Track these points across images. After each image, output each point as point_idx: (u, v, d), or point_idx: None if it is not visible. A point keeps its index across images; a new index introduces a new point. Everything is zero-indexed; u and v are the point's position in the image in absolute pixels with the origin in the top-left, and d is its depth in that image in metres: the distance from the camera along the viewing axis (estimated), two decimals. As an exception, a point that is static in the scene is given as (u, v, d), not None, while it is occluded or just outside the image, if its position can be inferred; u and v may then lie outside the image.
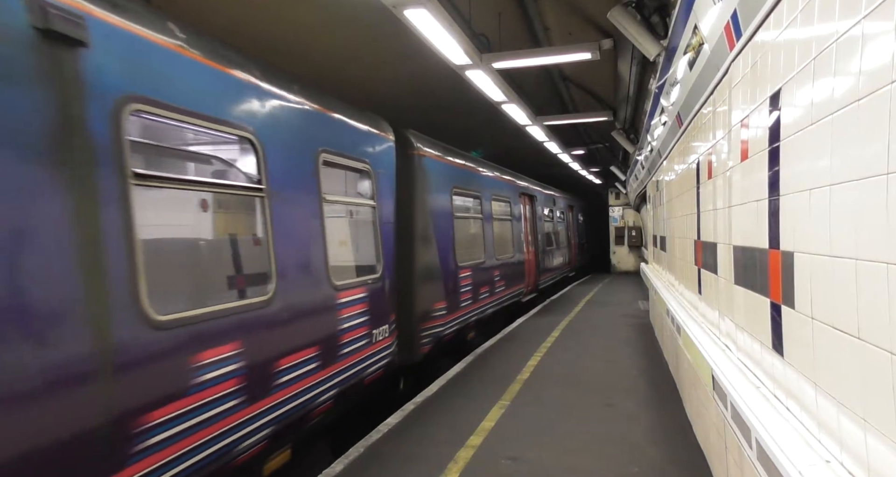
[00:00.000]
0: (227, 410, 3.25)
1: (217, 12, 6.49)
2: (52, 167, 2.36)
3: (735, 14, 2.66)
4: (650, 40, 5.43)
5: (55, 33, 2.35)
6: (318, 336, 4.29)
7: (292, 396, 3.88)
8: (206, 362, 3.11)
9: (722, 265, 3.53)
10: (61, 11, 2.39)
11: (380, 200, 5.56)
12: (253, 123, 3.65)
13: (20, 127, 2.24)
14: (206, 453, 3.09)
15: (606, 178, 23.43)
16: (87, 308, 2.46)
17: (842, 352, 1.70)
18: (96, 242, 2.52)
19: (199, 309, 3.13)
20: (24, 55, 2.27)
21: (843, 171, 1.65)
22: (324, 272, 4.42)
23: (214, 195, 3.80)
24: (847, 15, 1.60)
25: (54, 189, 2.37)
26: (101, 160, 2.57)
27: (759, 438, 2.19)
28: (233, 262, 3.99)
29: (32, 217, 2.28)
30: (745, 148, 2.79)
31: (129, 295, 2.65)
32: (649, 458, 4.26)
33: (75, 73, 2.47)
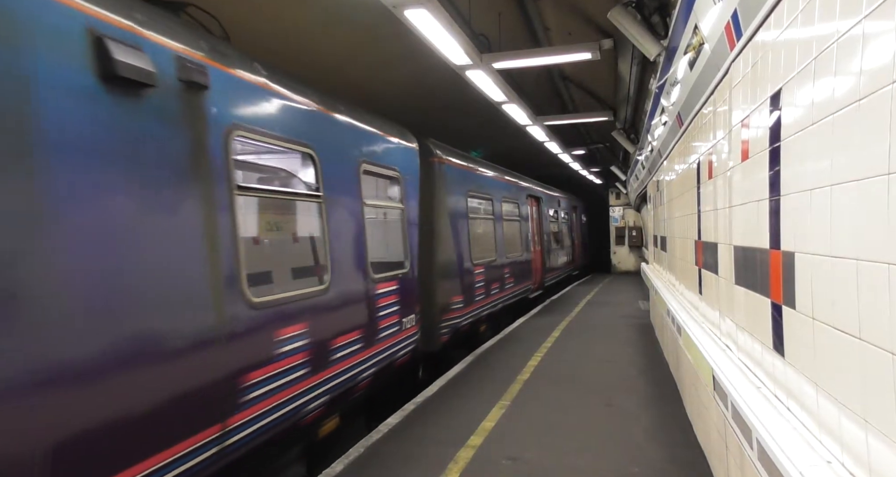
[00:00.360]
0: (298, 377, 3.97)
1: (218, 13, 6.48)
2: (190, 182, 3.09)
3: (735, 14, 2.66)
4: (650, 40, 5.42)
5: (197, 84, 3.14)
6: (361, 321, 5.01)
7: (343, 370, 4.60)
8: (284, 337, 3.83)
9: (722, 265, 3.53)
10: (194, 65, 3.14)
11: (407, 203, 6.27)
12: (312, 140, 4.34)
13: (174, 152, 2.99)
14: (286, 410, 3.81)
15: (607, 179, 23.43)
16: (212, 290, 3.20)
17: (843, 352, 1.69)
18: (216, 240, 3.26)
19: (280, 294, 3.86)
20: (173, 100, 3.00)
21: (844, 171, 1.65)
22: (365, 266, 5.13)
23: (287, 201, 4.54)
24: (848, 15, 1.60)
25: (193, 199, 3.10)
26: (217, 176, 3.30)
27: (760, 438, 2.19)
28: (300, 256, 4.69)
29: (180, 221, 3.02)
30: (745, 148, 2.79)
31: (236, 281, 3.39)
32: (650, 458, 4.26)
33: (202, 109, 3.22)
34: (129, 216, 2.76)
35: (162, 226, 2.93)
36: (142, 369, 2.74)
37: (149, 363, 2.79)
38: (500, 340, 9.18)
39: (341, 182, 4.82)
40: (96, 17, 2.61)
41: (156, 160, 2.89)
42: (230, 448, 3.30)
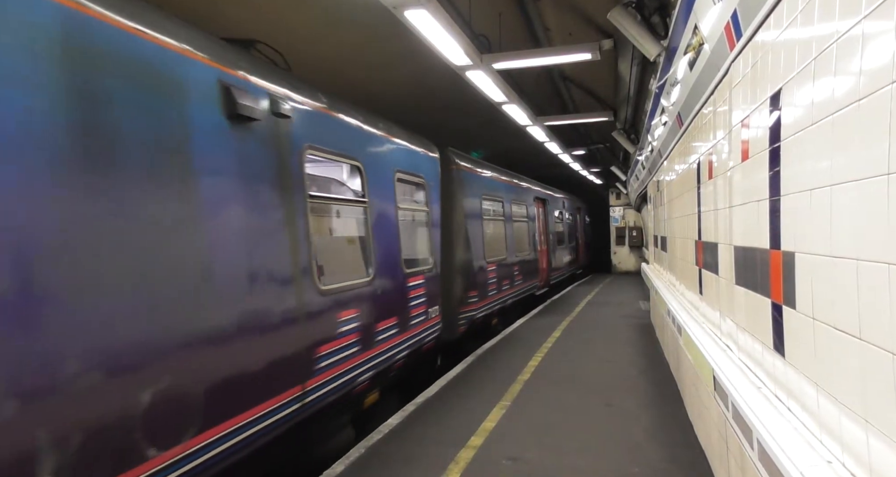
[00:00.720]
0: (352, 353, 4.77)
1: (218, 13, 6.49)
2: (280, 192, 3.90)
3: (735, 14, 2.66)
4: (650, 40, 5.42)
5: (281, 114, 3.94)
6: (397, 309, 5.80)
7: (383, 351, 5.40)
8: (342, 320, 4.66)
9: (723, 265, 3.53)
10: (281, 100, 3.98)
11: (431, 206, 7.11)
12: (359, 154, 5.17)
13: (269, 168, 3.79)
14: (343, 380, 4.60)
15: (607, 179, 23.42)
16: (294, 278, 4.00)
17: (843, 352, 1.69)
18: (296, 238, 4.07)
19: (338, 284, 4.64)
20: (268, 129, 3.82)
21: (844, 171, 1.65)
22: (399, 261, 5.94)
23: (341, 206, 5.19)
24: (847, 15, 1.60)
25: (282, 205, 3.93)
26: (296, 186, 4.09)
27: (760, 438, 2.19)
28: (351, 252, 5.34)
29: (275, 222, 3.84)
30: (745, 148, 2.79)
31: (310, 272, 4.19)
32: (650, 458, 4.26)
33: (286, 134, 4.02)
34: (245, 218, 3.54)
35: (265, 226, 3.75)
36: (256, 337, 3.58)
37: (259, 333, 3.61)
38: (501, 340, 9.18)
39: (381, 189, 5.65)
40: (223, 71, 3.42)
41: (258, 175, 3.70)
42: (307, 405, 4.11)
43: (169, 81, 3.04)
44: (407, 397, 6.24)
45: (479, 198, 9.43)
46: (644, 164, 10.24)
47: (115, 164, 2.69)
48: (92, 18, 2.65)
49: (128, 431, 2.66)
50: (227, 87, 3.41)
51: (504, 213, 11.06)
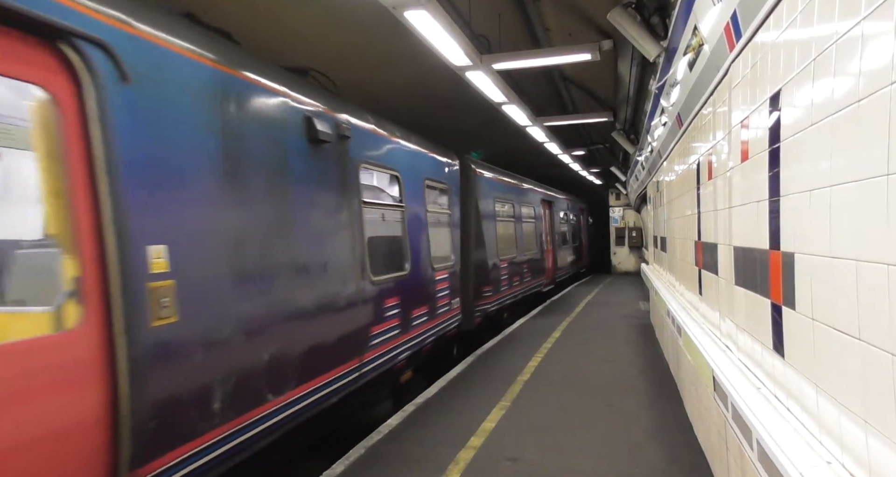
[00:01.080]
0: (394, 334, 5.64)
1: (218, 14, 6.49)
2: (343, 199, 4.79)
3: (735, 15, 2.67)
4: (650, 41, 5.43)
5: (334, 137, 4.60)
6: (427, 299, 6.68)
7: (416, 335, 6.26)
8: (388, 305, 5.51)
9: (722, 266, 3.53)
10: (344, 124, 4.81)
11: (452, 209, 8.03)
12: (397, 165, 6.05)
13: (336, 180, 4.67)
14: (388, 357, 5.46)
15: (607, 179, 23.41)
16: (354, 269, 4.86)
17: (842, 353, 1.70)
18: (355, 236, 4.93)
19: (384, 276, 5.49)
20: (335, 148, 4.66)
21: (844, 172, 1.65)
22: (428, 257, 6.81)
23: (384, 210, 5.90)
24: (847, 16, 1.60)
25: (345, 210, 4.79)
26: (354, 194, 4.98)
27: (760, 438, 2.19)
28: (392, 249, 6.07)
29: (340, 223, 4.70)
30: (745, 149, 2.79)
31: (364, 265, 5.05)
32: (650, 458, 4.26)
33: (346, 152, 4.89)
34: (321, 218, 4.44)
35: (335, 225, 4.65)
36: (333, 314, 4.51)
37: (334, 312, 4.52)
38: (501, 340, 9.18)
39: (414, 195, 6.55)
40: (307, 106, 4.33)
41: (329, 185, 4.59)
42: (363, 375, 4.92)
43: (276, 118, 3.98)
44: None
45: (493, 200, 10.23)
46: (644, 165, 10.24)
47: (247, 179, 3.60)
48: (236, 78, 3.59)
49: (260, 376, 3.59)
50: (309, 118, 4.32)
51: (514, 214, 11.87)
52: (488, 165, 10.53)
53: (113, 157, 2.62)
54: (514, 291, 11.27)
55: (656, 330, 9.05)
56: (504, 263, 10.60)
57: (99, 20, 2.64)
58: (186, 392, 3.00)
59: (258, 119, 3.77)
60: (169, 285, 2.90)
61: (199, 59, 3.26)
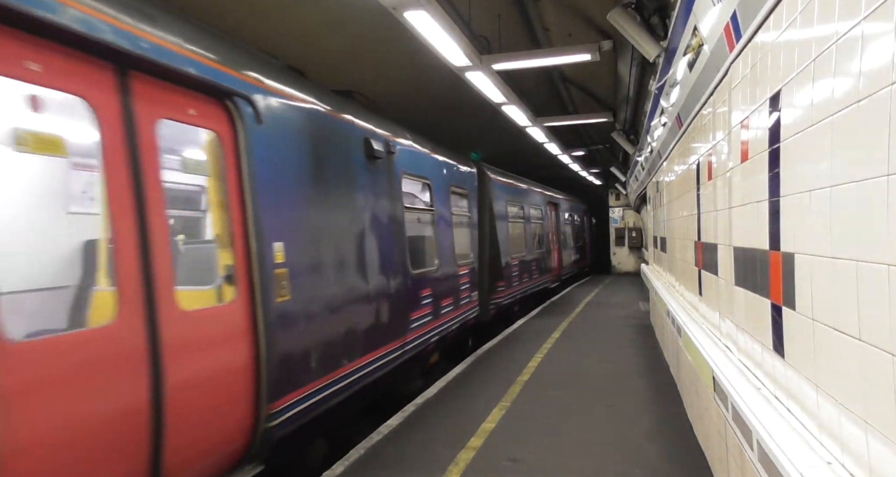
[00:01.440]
0: (427, 321, 6.57)
1: (219, 13, 6.49)
2: (391, 204, 5.66)
3: (735, 15, 2.67)
4: (650, 41, 5.43)
5: (384, 154, 5.52)
6: (452, 291, 7.60)
7: (443, 322, 7.23)
8: (423, 295, 6.48)
9: (722, 266, 3.53)
10: (391, 142, 5.73)
11: (471, 211, 9.06)
12: (428, 174, 7.07)
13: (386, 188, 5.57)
14: (422, 340, 6.39)
15: (607, 180, 23.41)
16: (399, 263, 5.76)
17: (843, 353, 1.70)
18: (401, 235, 5.87)
19: (420, 269, 6.45)
20: (384, 162, 5.58)
21: (844, 172, 1.65)
22: (452, 254, 7.78)
23: (418, 213, 6.90)
24: (847, 16, 1.60)
25: (393, 213, 5.68)
26: (398, 200, 5.89)
27: (760, 439, 2.19)
28: (425, 247, 7.00)
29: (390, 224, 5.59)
30: (745, 149, 2.79)
31: (406, 259, 6.00)
32: (650, 459, 4.26)
33: (393, 165, 5.80)
34: (376, 219, 5.34)
35: (386, 224, 5.58)
36: (386, 300, 5.43)
37: (386, 297, 5.45)
38: (501, 341, 9.18)
39: (442, 200, 7.54)
40: (364, 129, 5.27)
41: (381, 192, 5.51)
42: (404, 353, 5.83)
43: (346, 141, 4.95)
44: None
45: (505, 203, 11.17)
46: (643, 165, 10.24)
47: (328, 191, 4.52)
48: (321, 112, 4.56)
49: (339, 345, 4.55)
50: (367, 139, 5.26)
51: (524, 215, 12.86)
52: (501, 171, 11.49)
53: (253, 178, 3.56)
54: (524, 286, 12.18)
55: (656, 330, 9.05)
56: (515, 260, 11.50)
57: (246, 81, 3.64)
58: (296, 352, 3.96)
59: (334, 142, 4.77)
60: (285, 272, 3.83)
61: (299, 102, 4.30)
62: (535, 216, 14.14)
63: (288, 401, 3.80)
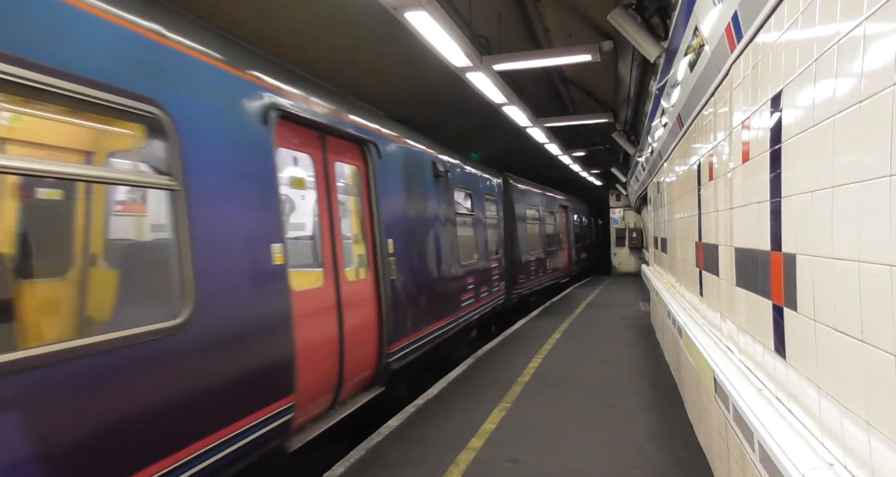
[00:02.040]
0: (470, 303, 8.36)
1: (220, 12, 6.49)
2: (448, 211, 7.64)
3: (736, 15, 2.66)
4: (650, 42, 5.43)
5: (443, 172, 7.48)
6: (487, 281, 9.53)
7: (481, 304, 9.05)
8: (468, 282, 8.26)
9: (723, 267, 3.52)
10: (448, 163, 7.78)
11: (499, 215, 11.10)
12: (470, 186, 8.95)
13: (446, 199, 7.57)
14: (468, 316, 8.19)
15: (607, 180, 23.40)
16: (454, 257, 7.69)
17: (844, 354, 1.69)
18: (454, 236, 7.79)
19: (465, 262, 8.22)
20: (444, 179, 7.53)
21: (845, 173, 1.65)
22: (486, 251, 9.65)
23: (463, 218, 8.57)
24: (849, 16, 1.60)
25: (449, 219, 7.63)
26: (452, 208, 7.84)
27: (761, 440, 2.18)
28: (468, 244, 8.71)
29: (447, 228, 7.48)
30: (746, 150, 2.79)
31: (459, 254, 7.91)
32: (651, 460, 4.25)
33: (448, 180, 7.72)
34: (441, 223, 7.12)
35: (448, 227, 7.45)
36: (447, 284, 7.28)
37: (447, 282, 7.25)
38: (501, 341, 9.18)
39: (480, 206, 9.48)
40: (432, 154, 7.03)
41: (443, 203, 7.35)
42: (458, 325, 7.74)
43: (423, 164, 6.83)
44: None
45: (525, 207, 12.97)
46: (644, 166, 10.24)
47: (413, 200, 6.31)
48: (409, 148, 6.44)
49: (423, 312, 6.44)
50: (434, 162, 7.19)
51: (540, 218, 14.67)
52: (521, 179, 13.24)
53: (376, 196, 5.37)
54: (539, 280, 14.07)
55: (657, 331, 9.04)
56: (533, 257, 13.39)
57: (373, 132, 5.47)
58: (400, 314, 5.73)
59: (416, 167, 6.61)
60: (394, 259, 5.63)
61: (399, 141, 6.18)
62: (550, 219, 16.09)
63: (397, 347, 5.60)
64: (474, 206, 9.06)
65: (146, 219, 3.66)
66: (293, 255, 4.15)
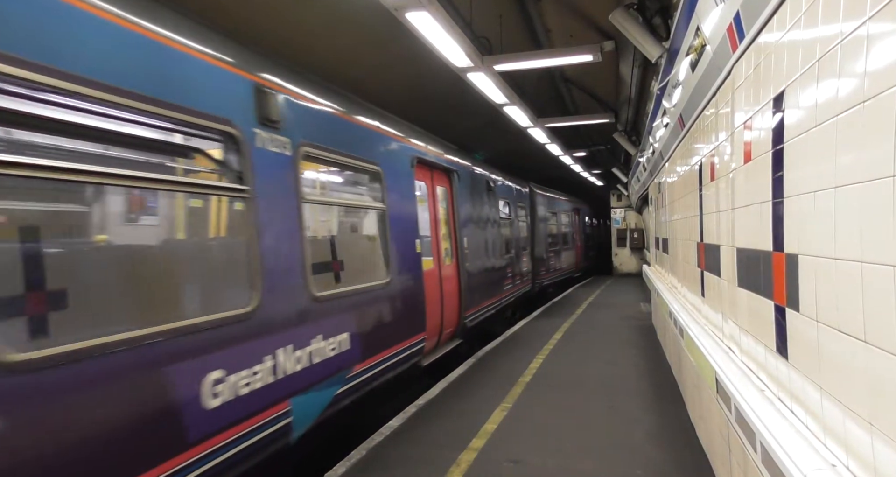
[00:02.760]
0: (510, 288, 11.14)
1: (221, 12, 6.50)
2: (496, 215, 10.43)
3: (738, 15, 2.66)
4: (652, 42, 5.42)
5: (493, 187, 10.20)
6: (519, 270, 12.08)
7: (516, 289, 11.68)
8: (508, 271, 11.12)
9: (725, 267, 3.52)
10: (495, 181, 10.50)
11: (527, 219, 13.47)
12: (508, 196, 11.46)
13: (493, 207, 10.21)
14: (508, 298, 10.91)
15: (608, 181, 23.38)
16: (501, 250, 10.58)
17: (847, 355, 1.69)
18: (500, 234, 10.58)
19: (505, 255, 10.86)
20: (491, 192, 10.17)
21: (848, 173, 1.64)
22: (517, 247, 11.93)
23: (504, 222, 10.91)
24: (852, 16, 1.59)
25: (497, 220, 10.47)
26: (497, 213, 10.52)
27: (763, 441, 2.18)
28: (506, 242, 10.93)
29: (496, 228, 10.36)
30: (748, 150, 2.79)
31: (501, 250, 10.55)
32: (652, 460, 4.25)
33: (495, 192, 10.42)
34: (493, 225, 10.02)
35: (495, 229, 10.14)
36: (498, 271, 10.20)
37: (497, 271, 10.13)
38: (502, 342, 9.18)
39: (514, 211, 11.90)
40: (485, 174, 9.77)
41: (493, 209, 10.08)
42: (501, 303, 10.26)
43: (481, 181, 9.34)
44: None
45: (545, 211, 15.47)
46: (645, 166, 10.23)
47: (476, 209, 8.96)
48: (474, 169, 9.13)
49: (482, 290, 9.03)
50: (488, 180, 9.75)
51: (557, 220, 17.32)
52: (542, 186, 15.78)
53: (457, 207, 7.97)
54: (557, 273, 16.89)
55: (658, 331, 9.03)
56: (552, 253, 16.12)
57: (455, 162, 8.07)
58: (471, 290, 8.26)
59: (477, 183, 9.08)
60: (467, 252, 8.18)
61: (468, 167, 8.60)
62: (565, 221, 18.74)
63: (470, 313, 8.11)
64: (511, 212, 11.69)
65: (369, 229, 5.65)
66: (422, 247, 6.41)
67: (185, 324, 2.91)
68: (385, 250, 5.41)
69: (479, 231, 8.91)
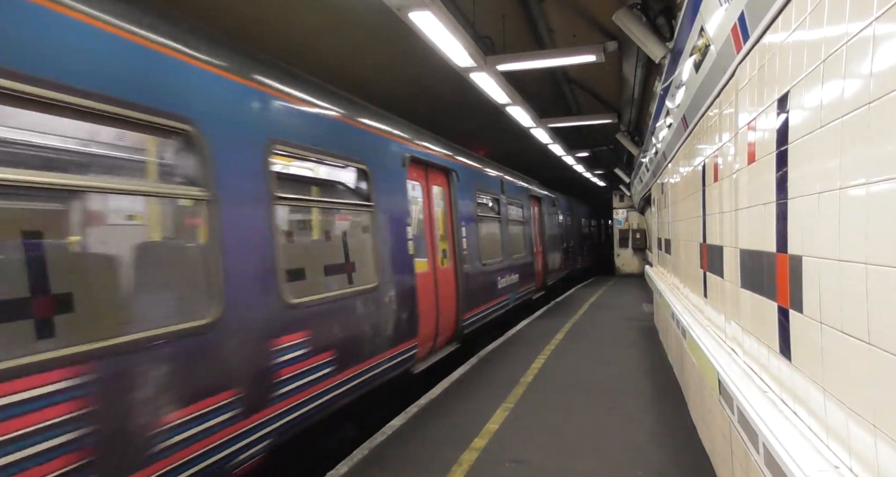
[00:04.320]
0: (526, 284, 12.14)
1: (223, 12, 6.50)
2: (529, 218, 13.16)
3: (742, 16, 2.65)
4: (655, 42, 5.41)
5: (532, 199, 13.66)
6: (532, 270, 13.06)
7: (531, 287, 12.75)
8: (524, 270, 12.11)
9: (728, 269, 3.51)
10: (537, 195, 14.21)
11: (533, 219, 14.01)
12: (518, 197, 12.03)
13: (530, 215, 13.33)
14: (524, 294, 12.04)
15: (610, 181, 23.36)
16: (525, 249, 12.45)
17: (851, 356, 1.68)
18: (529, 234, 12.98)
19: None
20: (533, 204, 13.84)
21: (853, 174, 1.64)
22: (532, 247, 13.15)
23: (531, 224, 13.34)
24: (858, 17, 1.59)
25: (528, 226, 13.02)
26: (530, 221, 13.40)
27: (766, 442, 2.18)
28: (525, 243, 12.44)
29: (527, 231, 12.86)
30: (752, 151, 2.78)
31: (529, 246, 12.85)
32: (654, 461, 4.24)
33: (531, 206, 13.50)
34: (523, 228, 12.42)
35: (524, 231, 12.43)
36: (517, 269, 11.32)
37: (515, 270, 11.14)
38: (504, 342, 9.17)
39: (549, 218, 15.39)
40: (533, 190, 13.70)
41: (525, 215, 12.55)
42: (519, 298, 11.35)
43: (527, 196, 12.92)
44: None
45: (569, 215, 18.46)
46: (648, 167, 10.22)
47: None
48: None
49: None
50: (538, 198, 14.16)
51: (567, 222, 18.91)
52: (561, 194, 17.95)
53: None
54: (563, 270, 18.08)
55: (660, 332, 9.02)
56: (558, 252, 17.31)
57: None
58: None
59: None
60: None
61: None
62: (578, 222, 20.74)
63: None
64: (544, 217, 13.61)
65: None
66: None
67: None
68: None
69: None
